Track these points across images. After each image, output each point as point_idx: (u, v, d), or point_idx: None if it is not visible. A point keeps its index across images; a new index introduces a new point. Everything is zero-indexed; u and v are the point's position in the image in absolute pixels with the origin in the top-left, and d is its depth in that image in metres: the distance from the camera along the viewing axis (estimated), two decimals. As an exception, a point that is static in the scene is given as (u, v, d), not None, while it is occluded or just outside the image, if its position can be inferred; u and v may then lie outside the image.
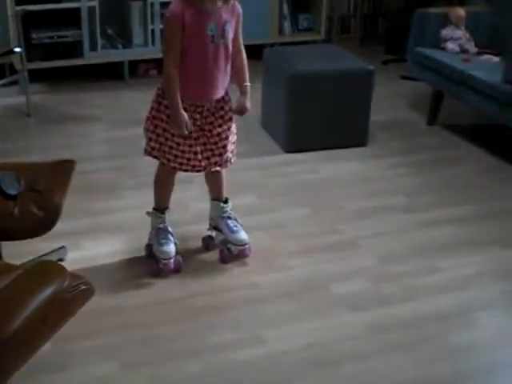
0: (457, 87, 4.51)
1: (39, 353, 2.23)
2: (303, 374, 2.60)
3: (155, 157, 3.12)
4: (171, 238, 3.20)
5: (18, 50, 4.92)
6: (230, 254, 3.25)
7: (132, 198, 3.87)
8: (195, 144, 3.03)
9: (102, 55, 5.66)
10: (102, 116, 5.05)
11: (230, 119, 3.11)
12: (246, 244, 3.24)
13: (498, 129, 4.85)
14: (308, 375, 2.60)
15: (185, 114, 2.93)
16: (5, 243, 2.88)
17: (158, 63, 5.73)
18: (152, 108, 3.06)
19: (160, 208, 3.24)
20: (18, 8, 5.08)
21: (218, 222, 3.30)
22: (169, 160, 3.07)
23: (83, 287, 2.19)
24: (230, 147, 3.15)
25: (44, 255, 3.11)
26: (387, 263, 3.30)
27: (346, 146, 4.51)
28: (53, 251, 3.20)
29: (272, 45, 6.15)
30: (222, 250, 3.27)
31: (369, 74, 4.45)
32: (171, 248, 3.15)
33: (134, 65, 5.83)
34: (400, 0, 6.42)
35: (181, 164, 3.07)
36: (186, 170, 3.11)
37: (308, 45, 6.00)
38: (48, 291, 1.91)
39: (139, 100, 5.26)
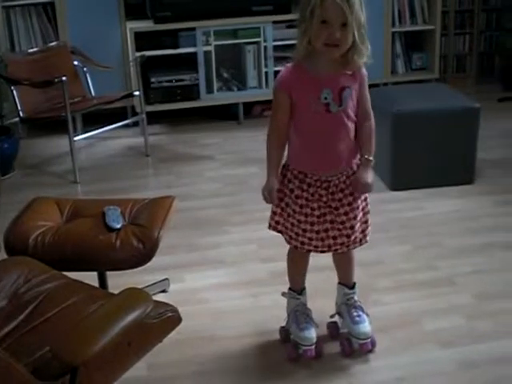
0: None
1: (135, 377, 2.41)
2: (388, 407, 2.64)
3: (279, 231, 2.86)
4: (311, 321, 2.92)
5: (136, 93, 5.22)
6: (351, 347, 2.91)
7: (237, 233, 4.01)
8: (318, 222, 2.73)
9: (218, 97, 5.89)
10: (214, 155, 5.25)
11: (360, 197, 2.77)
12: (367, 338, 2.90)
13: None
14: (393, 408, 2.63)
15: (275, 183, 2.68)
16: (112, 275, 3.06)
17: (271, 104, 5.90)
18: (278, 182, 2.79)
19: (296, 289, 2.99)
20: (138, 54, 5.40)
21: (341, 308, 3.00)
22: (291, 237, 2.81)
23: (169, 314, 2.34)
24: (360, 227, 2.81)
25: (147, 286, 3.28)
26: (483, 301, 3.27)
27: (452, 184, 4.50)
28: (156, 283, 3.38)
29: (386, 84, 6.21)
30: (343, 341, 2.93)
31: (475, 112, 4.43)
32: (312, 333, 2.87)
33: (248, 106, 6.03)
34: (517, 37, 6.36)
35: (302, 243, 2.78)
36: (308, 251, 2.83)
37: (415, 84, 6.00)
38: (131, 316, 2.03)
39: (252, 140, 5.49)
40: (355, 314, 2.93)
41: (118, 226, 2.92)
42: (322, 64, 2.57)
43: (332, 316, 3.04)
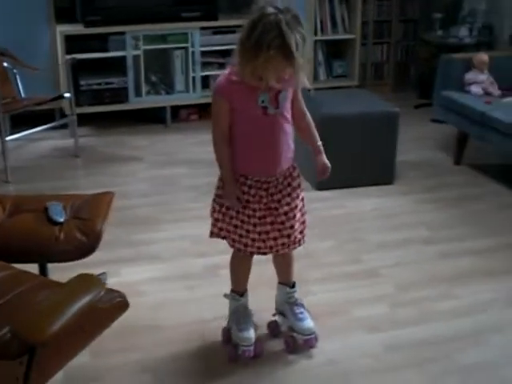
0: (479, 128, 4.74)
1: (78, 364, 2.52)
2: (321, 387, 2.83)
3: (223, 237, 2.93)
4: (251, 322, 3.02)
5: (67, 95, 5.30)
6: (295, 343, 3.03)
7: (170, 230, 4.16)
8: (260, 223, 2.82)
9: (146, 101, 6.02)
10: (143, 157, 5.38)
11: (298, 197, 2.89)
12: (312, 333, 3.03)
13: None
14: (325, 388, 2.82)
15: (237, 187, 2.79)
16: (51, 270, 3.15)
17: (198, 109, 6.12)
18: (217, 187, 2.89)
19: (238, 290, 3.07)
20: (68, 57, 5.47)
21: (283, 307, 3.10)
22: (234, 240, 2.88)
23: (118, 299, 2.47)
24: (299, 227, 2.93)
25: (87, 280, 3.38)
26: (405, 290, 3.51)
27: (373, 184, 4.76)
28: (95, 276, 3.48)
29: (308, 90, 6.42)
30: (287, 339, 3.05)
31: (394, 116, 4.70)
32: (251, 334, 2.97)
33: (175, 110, 6.17)
34: (432, 46, 6.67)
35: (246, 245, 2.87)
36: (251, 253, 2.91)
37: (338, 89, 6.25)
38: (85, 300, 2.15)
39: (179, 143, 5.67)
40: (298, 311, 3.05)
41: (62, 220, 3.02)
42: (256, 80, 2.62)
43: (274, 315, 3.15)
